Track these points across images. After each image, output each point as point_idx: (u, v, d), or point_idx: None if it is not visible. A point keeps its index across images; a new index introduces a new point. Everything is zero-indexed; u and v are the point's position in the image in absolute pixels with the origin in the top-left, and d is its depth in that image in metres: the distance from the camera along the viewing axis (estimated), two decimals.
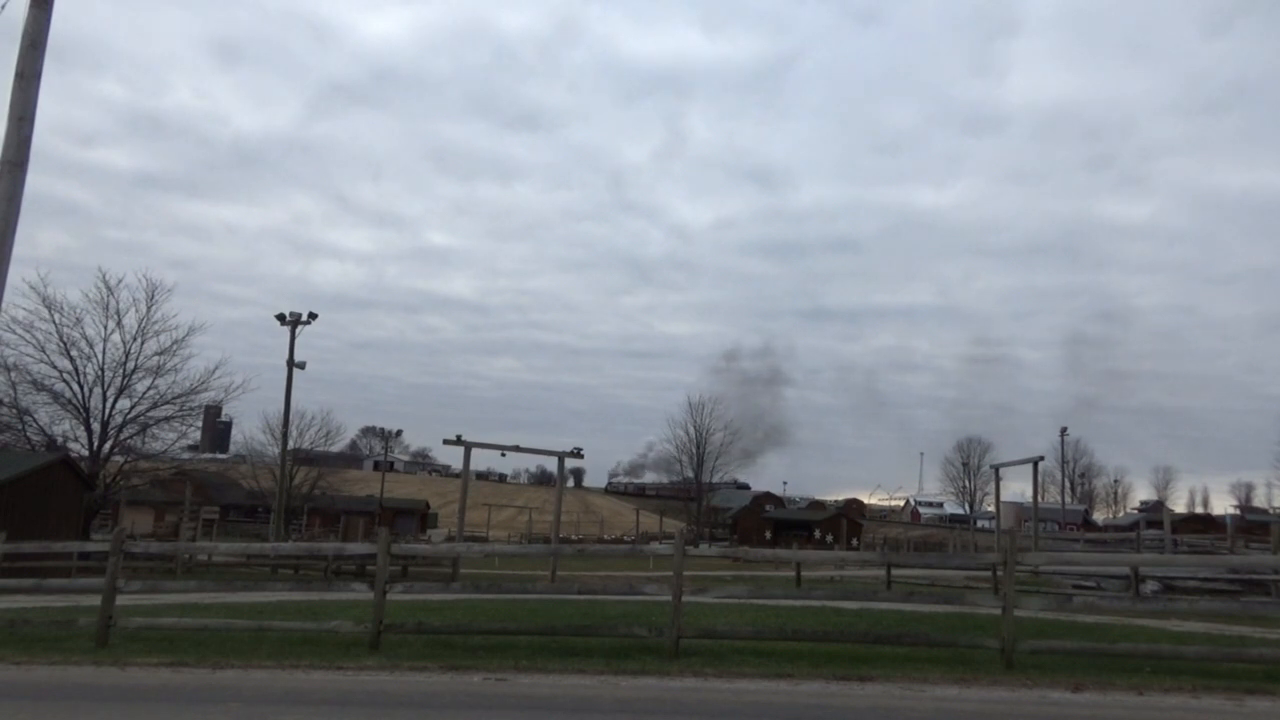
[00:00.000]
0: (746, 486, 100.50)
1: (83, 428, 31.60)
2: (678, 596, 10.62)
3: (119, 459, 32.97)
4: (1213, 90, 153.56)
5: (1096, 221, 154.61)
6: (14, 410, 31.44)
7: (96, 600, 11.49)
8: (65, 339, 31.31)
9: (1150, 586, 23.24)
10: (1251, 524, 67.07)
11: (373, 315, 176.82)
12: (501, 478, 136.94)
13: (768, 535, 74.52)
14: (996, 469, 55.29)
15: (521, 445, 40.64)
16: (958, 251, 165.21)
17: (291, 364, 39.84)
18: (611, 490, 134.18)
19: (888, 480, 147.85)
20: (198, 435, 36.13)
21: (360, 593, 13.12)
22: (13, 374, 30.91)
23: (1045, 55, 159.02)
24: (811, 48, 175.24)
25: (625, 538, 68.63)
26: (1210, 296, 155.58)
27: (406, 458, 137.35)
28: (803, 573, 30.40)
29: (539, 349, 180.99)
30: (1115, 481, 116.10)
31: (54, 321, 31.09)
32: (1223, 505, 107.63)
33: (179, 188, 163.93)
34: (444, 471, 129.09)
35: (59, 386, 31.29)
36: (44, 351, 30.95)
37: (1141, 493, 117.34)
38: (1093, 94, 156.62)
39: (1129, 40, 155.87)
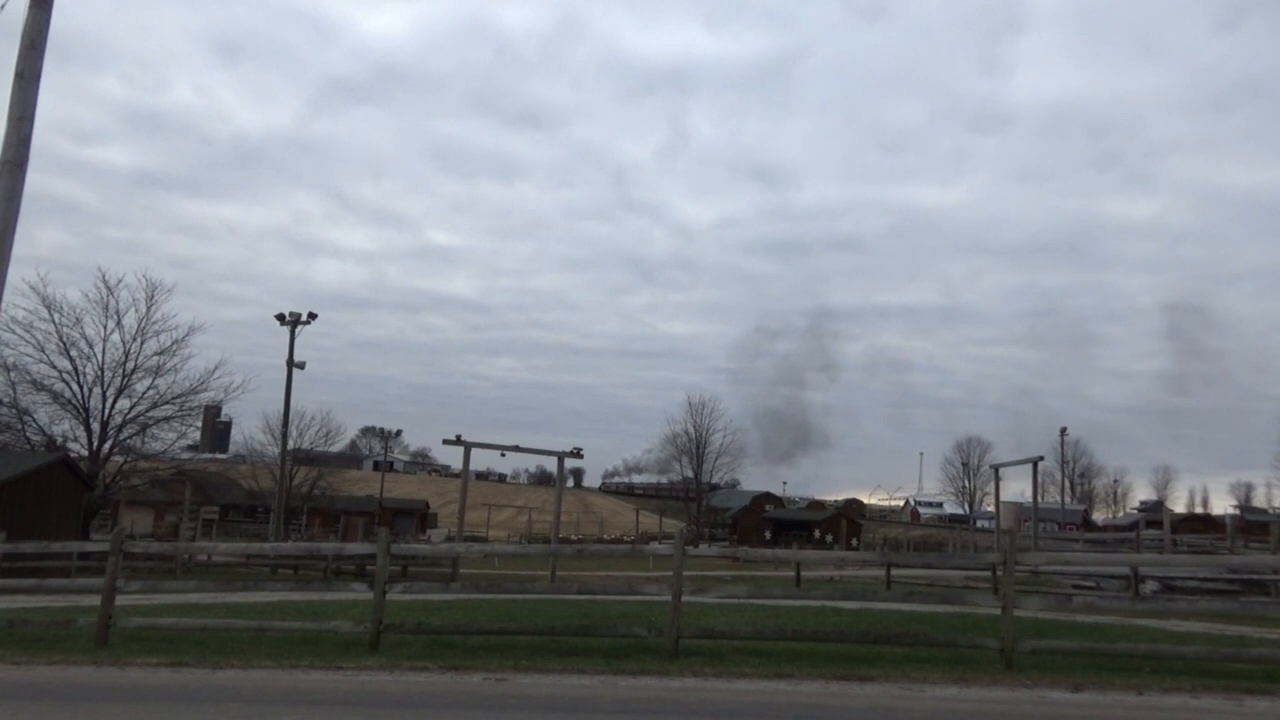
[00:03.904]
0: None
1: (82, 428, 31.67)
2: (677, 596, 10.62)
3: (119, 459, 33.04)
4: (1220, 87, 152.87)
5: (1102, 220, 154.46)
6: (14, 410, 31.48)
7: (96, 600, 11.48)
8: (65, 339, 31.41)
9: (1150, 586, 23.25)
10: (1251, 524, 67.03)
11: (373, 315, 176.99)
12: (501, 478, 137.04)
13: (767, 535, 74.59)
14: (996, 469, 55.33)
15: (521, 445, 40.77)
16: (962, 250, 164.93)
17: (291, 364, 39.83)
18: (610, 490, 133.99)
19: (887, 480, 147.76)
20: (197, 435, 36.11)
21: (360, 593, 13.13)
22: (12, 374, 31.00)
23: (1051, 52, 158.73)
24: (816, 44, 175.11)
25: (625, 538, 68.63)
26: (1214, 296, 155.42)
27: (406, 458, 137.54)
28: (802, 573, 30.40)
29: (540, 349, 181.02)
30: (1115, 481, 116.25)
31: (54, 321, 31.20)
32: (1222, 505, 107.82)
33: (179, 186, 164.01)
34: (444, 471, 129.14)
35: (59, 386, 31.39)
36: (44, 351, 31.05)
37: (1141, 493, 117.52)
38: (1099, 91, 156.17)
39: (1135, 37, 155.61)
